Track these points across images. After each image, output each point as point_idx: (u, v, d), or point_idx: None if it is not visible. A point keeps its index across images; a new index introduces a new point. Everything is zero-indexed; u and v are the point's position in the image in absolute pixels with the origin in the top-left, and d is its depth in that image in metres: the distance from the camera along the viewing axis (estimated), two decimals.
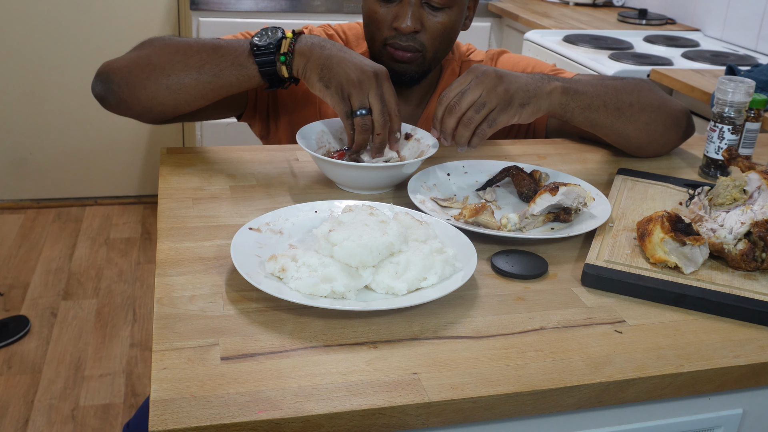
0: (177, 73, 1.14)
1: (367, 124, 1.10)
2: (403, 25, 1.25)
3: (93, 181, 3.40)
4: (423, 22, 1.27)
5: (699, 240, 0.93)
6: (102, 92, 1.21)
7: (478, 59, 1.45)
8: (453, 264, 0.88)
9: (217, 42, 1.17)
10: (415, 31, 1.27)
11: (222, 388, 0.70)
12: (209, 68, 1.13)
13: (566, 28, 2.76)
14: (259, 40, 1.12)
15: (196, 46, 1.16)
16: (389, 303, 0.83)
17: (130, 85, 1.17)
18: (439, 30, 1.28)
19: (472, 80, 1.09)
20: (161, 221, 1.02)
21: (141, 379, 2.31)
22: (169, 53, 1.16)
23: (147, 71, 1.15)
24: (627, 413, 0.81)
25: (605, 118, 1.21)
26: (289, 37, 1.12)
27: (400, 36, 1.27)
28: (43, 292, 2.74)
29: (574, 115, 1.18)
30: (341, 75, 1.09)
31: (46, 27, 3.18)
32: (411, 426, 0.71)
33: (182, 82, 1.14)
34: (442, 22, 1.28)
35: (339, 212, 0.96)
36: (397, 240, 0.87)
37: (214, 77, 1.14)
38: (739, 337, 0.84)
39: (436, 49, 1.31)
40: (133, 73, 1.17)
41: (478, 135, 1.09)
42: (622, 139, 1.27)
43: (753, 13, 2.56)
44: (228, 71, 1.13)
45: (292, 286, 0.83)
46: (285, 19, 2.87)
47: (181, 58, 1.14)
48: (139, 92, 1.16)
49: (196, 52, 1.15)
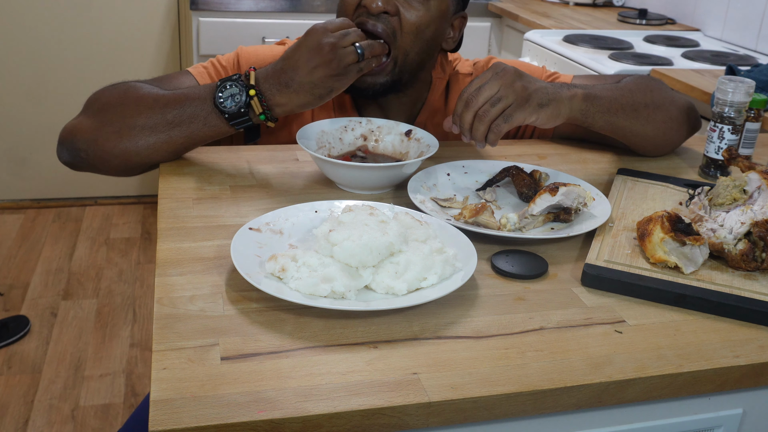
0: (146, 139, 1.12)
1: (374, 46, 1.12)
2: (373, 6, 1.17)
3: (93, 181, 3.40)
4: (397, 7, 1.19)
5: (699, 240, 0.93)
6: (70, 159, 1.18)
7: (466, 71, 1.39)
8: (453, 264, 0.88)
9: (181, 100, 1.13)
10: (385, 11, 1.18)
11: (222, 388, 0.70)
12: (178, 130, 1.12)
13: (566, 28, 2.76)
14: (229, 107, 1.10)
15: (159, 107, 1.12)
16: (389, 303, 0.83)
17: (100, 154, 1.14)
18: (412, 23, 1.19)
19: (491, 76, 1.08)
20: (161, 221, 1.02)
21: (141, 379, 2.31)
22: (132, 115, 1.13)
23: (114, 139, 1.12)
24: (627, 413, 0.81)
25: (625, 121, 1.21)
26: (252, 95, 1.10)
27: (367, 15, 1.18)
28: (43, 292, 2.74)
29: (594, 120, 1.17)
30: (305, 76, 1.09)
31: (46, 27, 3.18)
32: (411, 426, 0.71)
33: (153, 146, 1.12)
34: (418, 15, 1.19)
35: (339, 212, 0.96)
36: (397, 240, 0.87)
37: (185, 137, 1.13)
38: (739, 337, 0.84)
39: (408, 48, 1.21)
40: (98, 142, 1.13)
41: (494, 131, 1.07)
42: (640, 139, 1.27)
43: (753, 13, 2.56)
44: (200, 130, 1.13)
45: (292, 286, 0.83)
46: (285, 19, 2.88)
47: (145, 121, 1.12)
48: (111, 161, 1.14)
49: (159, 112, 1.12)
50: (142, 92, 1.15)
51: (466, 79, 1.38)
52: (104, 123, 1.14)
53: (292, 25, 2.88)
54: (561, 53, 2.45)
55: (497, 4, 3.11)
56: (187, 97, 1.13)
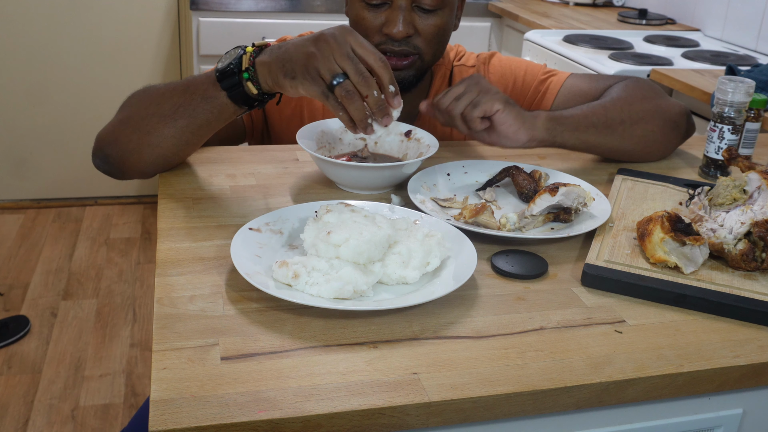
0: (155, 127, 1.09)
1: (350, 89, 0.97)
2: (395, 31, 1.23)
3: (93, 181, 3.40)
4: (415, 26, 1.25)
5: (699, 240, 0.93)
6: (104, 167, 1.17)
7: (470, 63, 1.44)
8: (444, 245, 0.91)
9: (188, 81, 1.11)
10: (408, 35, 1.24)
11: (222, 388, 0.70)
12: (182, 112, 1.08)
13: (566, 28, 2.76)
14: (220, 64, 1.05)
15: (167, 92, 1.11)
16: (389, 303, 0.83)
17: (120, 153, 1.13)
18: (433, 33, 1.26)
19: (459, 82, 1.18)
20: (161, 221, 1.02)
21: (141, 379, 2.31)
22: (145, 107, 1.11)
23: (128, 134, 1.11)
24: (627, 413, 0.81)
25: (596, 138, 1.22)
26: (249, 51, 1.03)
27: (391, 41, 1.25)
28: (43, 292, 2.74)
29: (564, 138, 1.20)
30: (299, 57, 0.99)
31: (46, 27, 3.18)
32: (411, 426, 0.71)
33: (161, 134, 1.09)
34: (434, 24, 1.26)
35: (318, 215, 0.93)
36: (392, 231, 0.89)
37: (190, 119, 1.08)
38: (739, 337, 0.84)
39: (433, 51, 1.30)
40: (118, 140, 1.13)
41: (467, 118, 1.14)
42: (620, 154, 1.28)
43: (753, 13, 2.56)
44: (200, 108, 1.07)
45: (312, 292, 0.83)
46: (285, 19, 2.88)
47: (155, 109, 1.10)
48: (129, 158, 1.13)
49: (167, 98, 1.09)
50: (158, 86, 1.15)
51: (470, 70, 1.43)
52: (123, 122, 1.14)
53: (292, 25, 2.88)
54: (561, 53, 2.45)
55: (497, 4, 3.11)
56: (194, 78, 1.12)
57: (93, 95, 3.25)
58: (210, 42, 2.83)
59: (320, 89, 0.98)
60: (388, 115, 1.02)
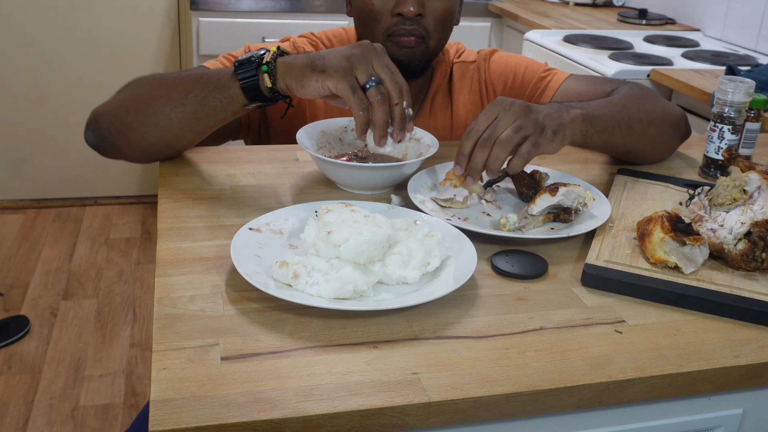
0: (162, 108, 1.10)
1: (384, 93, 1.02)
2: (407, 10, 1.25)
3: (93, 181, 3.40)
4: (424, 6, 1.28)
5: (699, 240, 0.93)
6: (95, 141, 1.17)
7: (470, 59, 1.45)
8: (444, 245, 0.91)
9: (201, 70, 1.14)
10: (419, 14, 1.27)
11: (222, 388, 0.70)
12: (192, 97, 1.09)
13: (566, 28, 2.76)
14: (242, 57, 1.08)
15: (179, 78, 1.12)
16: (389, 303, 0.83)
17: (120, 129, 1.14)
18: (441, 14, 1.29)
19: (500, 112, 1.03)
20: (161, 221, 1.02)
21: (141, 379, 2.31)
22: (153, 89, 1.13)
23: (133, 112, 1.12)
24: (627, 413, 0.81)
25: (620, 138, 1.20)
26: (272, 50, 1.07)
27: (404, 21, 1.27)
28: (43, 292, 2.74)
29: (592, 140, 1.16)
30: (336, 55, 1.04)
31: (46, 27, 3.18)
32: (411, 426, 0.71)
33: (168, 116, 1.10)
34: (442, 6, 1.29)
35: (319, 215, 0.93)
36: (392, 231, 0.89)
37: (198, 105, 1.09)
38: (739, 337, 0.84)
39: (439, 36, 1.31)
40: (120, 116, 1.13)
41: (520, 155, 1.02)
42: (632, 154, 1.27)
43: (753, 13, 2.56)
44: (211, 96, 1.08)
45: (312, 292, 0.83)
46: (285, 19, 2.88)
47: (165, 91, 1.11)
48: (129, 135, 1.13)
49: (179, 83, 1.11)
50: (168, 73, 1.17)
51: (470, 66, 1.44)
52: (125, 99, 1.15)
53: (292, 25, 2.88)
54: (561, 53, 2.45)
55: (497, 4, 3.11)
56: (209, 69, 1.14)
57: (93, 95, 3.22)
58: (210, 42, 2.83)
59: (349, 84, 1.02)
60: (404, 131, 1.06)
